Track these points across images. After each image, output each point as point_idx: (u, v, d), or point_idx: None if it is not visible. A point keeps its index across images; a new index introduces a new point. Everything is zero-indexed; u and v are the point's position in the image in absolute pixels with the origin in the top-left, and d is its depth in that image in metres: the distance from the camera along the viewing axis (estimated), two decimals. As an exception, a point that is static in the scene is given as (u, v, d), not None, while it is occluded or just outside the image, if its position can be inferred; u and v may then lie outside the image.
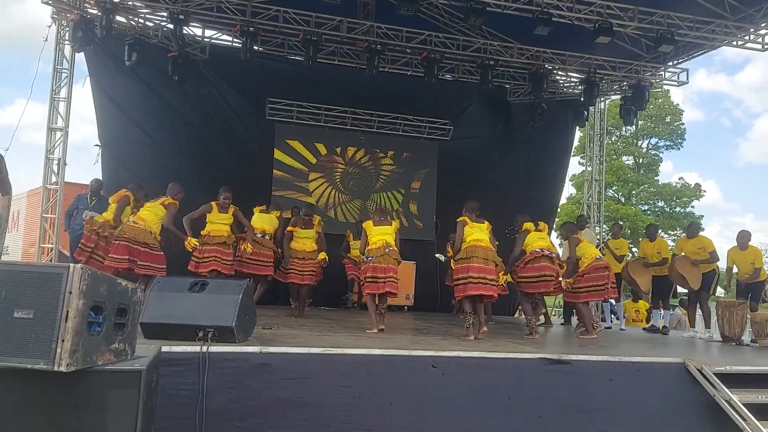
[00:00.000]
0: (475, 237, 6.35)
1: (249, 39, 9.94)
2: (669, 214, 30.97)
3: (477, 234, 6.38)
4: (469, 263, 6.19)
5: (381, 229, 6.66)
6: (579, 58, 11.50)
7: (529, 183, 12.59)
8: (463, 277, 6.20)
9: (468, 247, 6.30)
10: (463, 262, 6.27)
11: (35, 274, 2.70)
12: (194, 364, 3.87)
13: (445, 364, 4.47)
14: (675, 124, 31.77)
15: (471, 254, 6.22)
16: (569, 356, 4.80)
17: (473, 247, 6.27)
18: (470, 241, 6.33)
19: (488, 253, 6.32)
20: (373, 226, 6.69)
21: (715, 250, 8.35)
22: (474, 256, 6.20)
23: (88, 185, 9.44)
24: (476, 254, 6.21)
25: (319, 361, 4.26)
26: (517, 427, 4.43)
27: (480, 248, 6.26)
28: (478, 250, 6.24)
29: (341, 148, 12.37)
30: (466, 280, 6.16)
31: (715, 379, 4.68)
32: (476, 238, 6.34)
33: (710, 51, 11.49)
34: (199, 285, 4.54)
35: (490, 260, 6.31)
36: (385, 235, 6.59)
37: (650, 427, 4.65)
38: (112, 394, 2.79)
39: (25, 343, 2.61)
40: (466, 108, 12.81)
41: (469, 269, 6.16)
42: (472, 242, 6.31)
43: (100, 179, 9.50)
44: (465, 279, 6.17)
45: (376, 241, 6.54)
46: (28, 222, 14.23)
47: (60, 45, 10.52)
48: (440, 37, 10.85)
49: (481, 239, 6.36)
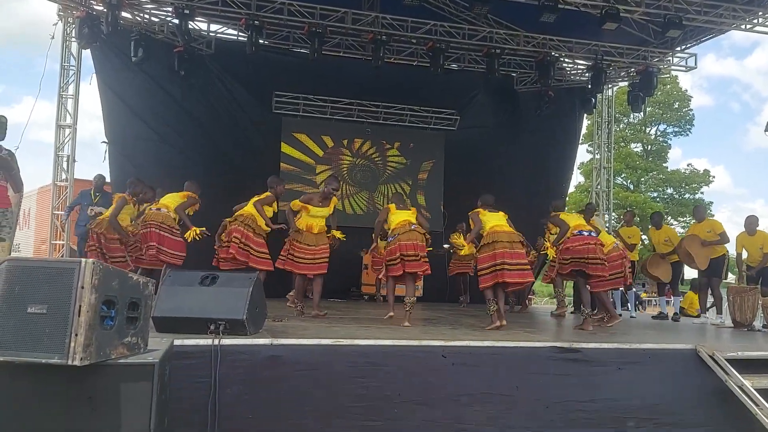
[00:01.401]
0: (494, 223, 6.16)
1: (254, 32, 9.94)
2: (678, 200, 30.85)
3: (495, 220, 6.20)
4: (494, 249, 5.98)
5: (403, 212, 6.55)
6: (586, 45, 11.43)
7: (537, 172, 12.55)
8: (490, 265, 5.98)
9: (490, 233, 6.09)
10: (487, 250, 6.05)
11: (48, 269, 2.72)
12: (206, 357, 3.89)
13: (455, 354, 4.48)
14: (683, 110, 31.60)
15: (495, 239, 6.01)
16: (580, 344, 4.79)
17: (495, 232, 6.07)
18: (490, 227, 6.14)
19: (512, 236, 6.09)
20: (396, 209, 6.58)
21: (724, 231, 8.29)
22: (498, 241, 5.99)
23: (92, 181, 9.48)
24: (500, 239, 6.00)
25: (329, 353, 4.27)
26: (528, 416, 4.43)
27: (503, 233, 6.06)
28: (501, 234, 6.03)
29: (348, 140, 12.39)
30: (492, 269, 5.96)
31: (727, 364, 4.65)
32: (495, 224, 6.15)
33: (718, 35, 11.39)
34: (210, 278, 4.57)
35: (516, 242, 6.07)
36: (408, 216, 6.45)
37: (662, 414, 4.64)
38: (125, 387, 2.82)
39: (40, 338, 2.63)
40: (472, 97, 12.78)
41: (494, 256, 5.95)
42: (492, 228, 6.12)
43: (102, 175, 9.50)
44: (491, 267, 5.97)
45: (400, 221, 6.37)
46: (39, 219, 14.34)
47: (67, 42, 10.57)
48: (446, 27, 10.81)
49: (501, 224, 6.18)
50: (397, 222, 6.37)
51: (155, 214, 6.85)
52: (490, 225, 6.17)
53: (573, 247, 6.55)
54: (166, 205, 6.95)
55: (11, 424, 2.74)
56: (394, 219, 6.45)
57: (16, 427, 2.74)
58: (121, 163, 10.65)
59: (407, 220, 6.37)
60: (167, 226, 6.81)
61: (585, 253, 6.47)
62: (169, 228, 6.82)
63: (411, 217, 6.45)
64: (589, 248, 6.48)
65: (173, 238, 6.85)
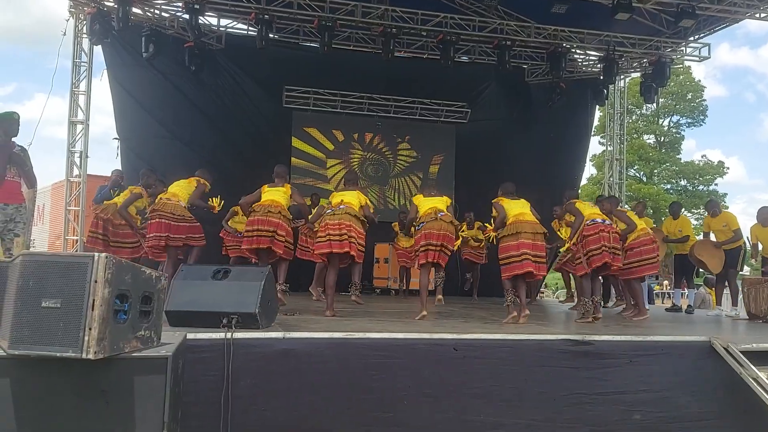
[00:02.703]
0: (518, 211, 6.04)
1: (264, 27, 9.95)
2: (692, 192, 30.58)
3: (518, 208, 6.08)
4: (518, 239, 5.85)
5: (431, 199, 6.37)
6: (597, 35, 11.33)
7: (549, 164, 12.47)
8: (513, 255, 5.86)
9: (513, 223, 5.96)
10: (510, 239, 5.90)
11: (61, 263, 2.74)
12: (219, 350, 3.91)
13: (467, 347, 4.47)
14: (696, 100, 31.28)
15: (518, 230, 5.88)
16: (592, 337, 4.77)
17: (519, 222, 5.94)
18: (513, 216, 6.01)
19: (536, 227, 5.97)
20: (424, 198, 6.44)
21: (738, 227, 8.21)
22: (522, 231, 5.87)
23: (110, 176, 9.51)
24: (524, 229, 5.88)
25: (341, 346, 4.28)
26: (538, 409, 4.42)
27: (527, 223, 5.94)
28: (524, 225, 5.91)
29: (358, 134, 12.38)
30: (514, 259, 5.84)
31: (742, 357, 4.61)
32: (519, 212, 6.03)
33: (732, 24, 11.25)
34: (222, 272, 4.59)
35: (539, 234, 5.97)
36: (436, 203, 6.27)
37: (675, 406, 4.61)
38: (139, 380, 2.83)
39: (54, 332, 2.65)
40: (483, 90, 12.73)
41: (519, 246, 5.83)
42: (516, 217, 6.00)
43: (120, 170, 9.57)
44: (515, 257, 5.85)
45: (427, 209, 6.22)
46: (53, 215, 14.44)
47: (78, 38, 10.62)
48: (456, 19, 10.75)
49: (525, 213, 6.05)
50: (425, 210, 6.25)
51: (164, 204, 6.73)
52: (513, 213, 6.05)
53: (589, 236, 6.44)
54: (176, 194, 6.86)
55: (27, 418, 2.76)
56: (422, 207, 6.32)
57: (32, 421, 2.77)
58: (133, 159, 10.71)
59: (435, 207, 6.21)
60: (179, 215, 6.71)
61: (600, 242, 6.36)
62: (181, 216, 6.72)
63: (440, 204, 6.28)
64: (603, 236, 6.38)
65: (188, 225, 6.77)
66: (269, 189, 6.62)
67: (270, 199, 6.48)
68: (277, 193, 6.58)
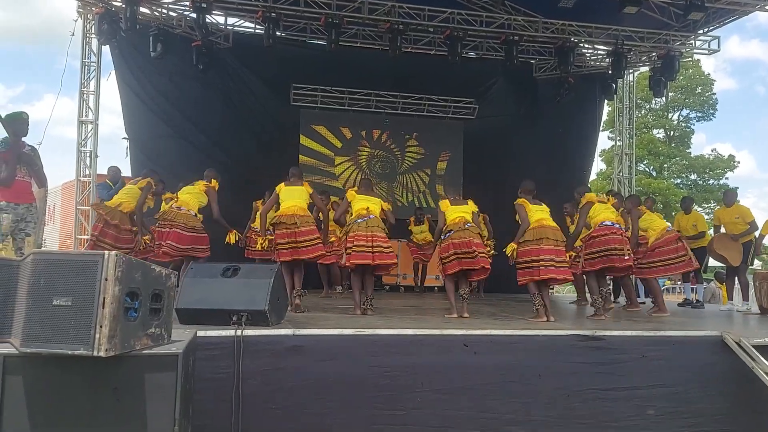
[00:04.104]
0: (539, 217, 6.04)
1: (271, 25, 9.94)
2: (702, 186, 30.39)
3: (540, 214, 6.07)
4: (539, 245, 5.86)
5: (458, 207, 6.34)
6: (606, 29, 11.25)
7: (558, 160, 12.41)
8: (533, 260, 5.86)
9: (535, 228, 5.96)
10: (531, 245, 5.91)
11: (71, 262, 2.76)
12: (229, 347, 3.93)
13: (477, 343, 4.47)
14: (706, 94, 31.07)
15: (541, 235, 5.89)
16: (603, 332, 4.75)
17: (541, 227, 5.95)
18: (535, 221, 6.01)
19: (557, 233, 5.99)
20: (450, 205, 6.39)
21: (753, 219, 8.16)
22: (544, 237, 5.88)
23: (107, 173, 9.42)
24: (546, 235, 5.89)
25: (351, 342, 4.29)
26: (549, 404, 4.41)
27: (549, 228, 5.96)
28: (547, 230, 5.93)
29: (366, 131, 12.38)
30: (536, 263, 5.84)
31: (754, 351, 4.58)
32: (541, 218, 6.03)
33: (742, 16, 11.12)
34: (232, 270, 4.62)
35: (560, 240, 5.99)
36: (463, 213, 6.25)
37: (687, 401, 4.59)
38: (150, 377, 2.85)
39: (65, 330, 2.67)
40: (491, 86, 12.68)
41: (540, 251, 5.84)
42: (538, 222, 5.99)
43: (117, 167, 9.46)
44: (534, 262, 5.85)
45: (454, 218, 6.20)
46: (64, 214, 14.54)
47: (87, 39, 10.67)
48: (463, 14, 10.70)
49: (546, 218, 6.06)
50: (452, 219, 6.23)
51: (176, 214, 6.80)
52: (536, 218, 6.04)
53: (597, 237, 6.47)
54: (187, 203, 6.90)
55: (39, 415, 2.78)
56: (449, 216, 6.29)
57: (44, 418, 2.79)
58: (141, 159, 10.75)
59: (462, 217, 6.20)
60: (190, 226, 6.80)
61: (609, 244, 6.38)
62: (192, 227, 6.82)
63: (466, 214, 6.27)
64: (612, 239, 6.40)
65: (196, 235, 6.85)
66: (287, 188, 6.46)
67: (292, 205, 6.28)
68: (295, 193, 6.40)
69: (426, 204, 12.29)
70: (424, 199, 12.49)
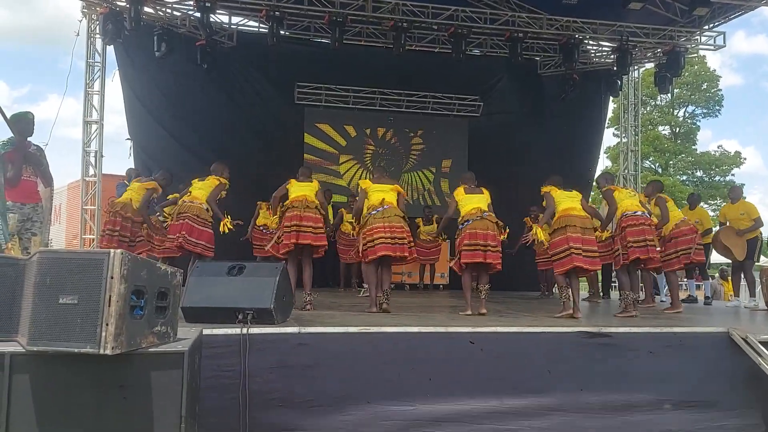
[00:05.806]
0: (566, 206, 5.97)
1: (275, 23, 9.95)
2: (708, 183, 30.28)
3: (568, 202, 6.00)
4: (565, 233, 5.79)
5: (474, 197, 6.19)
6: (610, 26, 11.20)
7: (563, 157, 12.33)
8: (565, 249, 5.79)
9: (561, 216, 5.90)
10: (559, 234, 5.86)
11: (77, 260, 2.76)
12: (235, 346, 3.94)
13: (483, 340, 4.46)
14: (712, 90, 30.93)
15: (566, 223, 5.82)
16: (609, 329, 4.74)
17: (568, 215, 5.88)
18: (562, 210, 5.95)
19: (585, 221, 5.90)
20: (465, 194, 6.23)
21: (759, 216, 8.13)
22: (570, 225, 5.80)
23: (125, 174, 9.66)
24: (572, 223, 5.82)
25: (357, 340, 4.29)
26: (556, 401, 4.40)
27: (576, 217, 5.87)
28: (573, 218, 5.85)
29: (371, 129, 12.37)
30: (567, 252, 5.78)
31: (760, 347, 4.57)
32: (568, 207, 5.96)
33: (748, 12, 11.04)
34: (237, 269, 4.62)
35: (589, 228, 5.89)
36: (479, 203, 6.11)
37: (693, 398, 4.58)
38: (156, 375, 2.86)
39: (72, 328, 2.68)
40: (495, 83, 12.65)
41: (567, 240, 5.77)
42: (565, 211, 5.93)
43: (135, 168, 9.67)
44: (566, 251, 5.78)
45: (470, 209, 6.05)
46: (70, 214, 14.60)
47: (91, 39, 10.68)
48: (467, 12, 10.68)
49: (574, 207, 5.97)
50: (468, 209, 6.09)
51: (189, 207, 6.82)
52: (563, 207, 5.98)
53: (629, 227, 6.31)
54: (198, 198, 6.93)
55: (46, 413, 2.80)
56: (465, 205, 6.15)
57: (51, 416, 2.81)
58: (144, 159, 10.78)
59: (478, 207, 6.06)
60: (202, 218, 6.80)
61: (643, 235, 6.24)
62: (203, 220, 6.82)
63: (482, 204, 6.13)
64: (645, 230, 6.27)
65: (204, 230, 6.83)
66: (298, 184, 6.45)
67: (303, 194, 6.27)
68: (307, 188, 6.40)
69: (432, 202, 12.28)
70: (429, 198, 12.48)
